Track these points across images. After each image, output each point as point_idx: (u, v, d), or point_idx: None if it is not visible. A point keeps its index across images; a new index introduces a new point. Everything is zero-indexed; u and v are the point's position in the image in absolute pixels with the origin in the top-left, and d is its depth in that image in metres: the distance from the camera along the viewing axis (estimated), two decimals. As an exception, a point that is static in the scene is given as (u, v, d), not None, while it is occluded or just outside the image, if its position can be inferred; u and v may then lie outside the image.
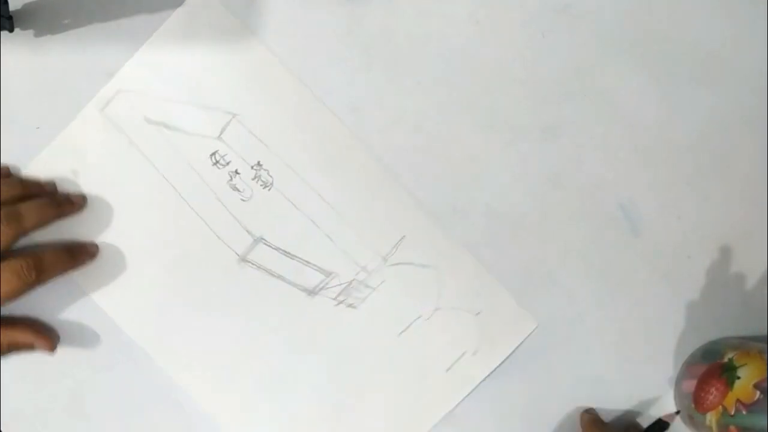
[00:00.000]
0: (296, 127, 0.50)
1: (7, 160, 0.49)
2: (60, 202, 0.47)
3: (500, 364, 0.51)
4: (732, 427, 0.47)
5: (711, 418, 0.48)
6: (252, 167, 0.49)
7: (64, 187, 0.49)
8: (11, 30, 0.47)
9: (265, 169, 0.49)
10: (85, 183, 0.49)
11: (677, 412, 0.50)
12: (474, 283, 0.51)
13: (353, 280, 0.50)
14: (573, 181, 0.51)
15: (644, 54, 0.52)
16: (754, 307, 0.52)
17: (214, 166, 0.49)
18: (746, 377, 0.47)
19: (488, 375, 0.51)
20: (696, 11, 0.52)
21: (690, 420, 0.50)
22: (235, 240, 0.49)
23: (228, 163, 0.49)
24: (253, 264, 0.50)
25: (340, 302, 0.50)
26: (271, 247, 0.49)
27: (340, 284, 0.50)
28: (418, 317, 0.50)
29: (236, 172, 0.49)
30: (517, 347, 0.51)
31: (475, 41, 0.51)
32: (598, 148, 0.52)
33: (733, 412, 0.46)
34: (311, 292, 0.50)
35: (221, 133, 0.49)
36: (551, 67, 0.51)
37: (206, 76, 0.49)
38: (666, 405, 0.52)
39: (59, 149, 0.49)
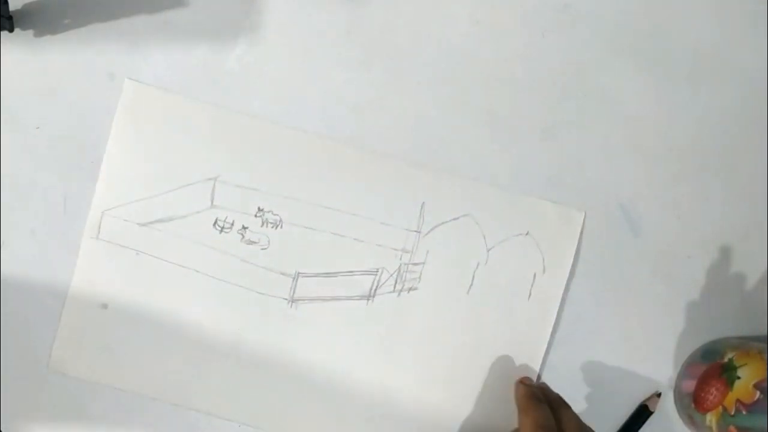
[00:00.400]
0: (274, 159, 0.50)
1: (7, 160, 0.49)
2: None
3: (573, 271, 0.51)
4: (732, 427, 0.47)
5: (711, 418, 0.48)
6: (255, 216, 0.49)
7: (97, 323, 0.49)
8: (11, 30, 0.47)
9: (267, 212, 0.50)
10: (118, 310, 0.49)
11: (658, 395, 0.50)
12: (508, 209, 0.51)
13: (400, 265, 0.50)
14: (573, 181, 0.51)
15: (644, 54, 0.52)
16: (754, 307, 0.52)
17: (222, 233, 0.49)
18: (746, 377, 0.47)
19: (566, 284, 0.51)
20: (696, 11, 0.52)
21: (690, 420, 0.50)
22: (277, 287, 0.50)
23: (232, 224, 0.49)
24: (303, 299, 0.50)
25: (400, 291, 0.50)
26: (310, 276, 0.50)
27: (391, 275, 0.50)
28: (477, 266, 0.50)
29: (243, 227, 0.49)
30: (579, 242, 0.51)
31: (475, 41, 0.51)
32: (598, 148, 0.52)
33: (733, 412, 0.46)
34: (369, 297, 0.50)
35: (212, 201, 0.49)
36: (551, 67, 0.51)
37: (170, 158, 0.49)
38: (666, 405, 0.52)
39: (79, 293, 0.49)
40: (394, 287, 0.50)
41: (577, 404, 0.51)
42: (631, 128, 0.52)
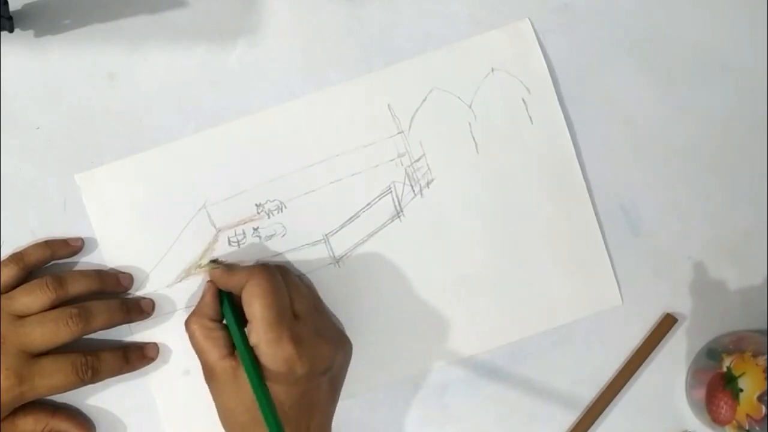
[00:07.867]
0: (239, 156, 0.49)
1: (7, 159, 0.49)
2: (130, 308, 0.48)
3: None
4: None
5: (730, 431, 0.48)
6: (258, 213, 0.49)
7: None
8: (11, 30, 0.47)
9: (265, 203, 0.49)
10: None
11: None
12: (463, 60, 0.50)
13: (405, 169, 0.50)
14: (573, 180, 0.51)
15: (644, 54, 0.52)
16: (754, 307, 0.52)
17: (241, 246, 0.49)
18: (748, 389, 0.47)
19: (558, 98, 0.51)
20: (696, 12, 0.52)
21: (710, 426, 0.50)
22: (317, 259, 0.50)
23: (244, 233, 0.49)
24: (345, 254, 0.50)
25: (421, 190, 0.50)
26: (337, 230, 0.50)
27: (404, 183, 0.50)
28: (470, 126, 0.50)
29: (255, 229, 0.49)
30: (542, 47, 0.51)
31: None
32: (598, 148, 0.52)
33: (747, 427, 0.47)
34: (399, 213, 0.50)
35: (215, 225, 0.49)
36: (551, 67, 0.51)
37: (155, 215, 0.49)
38: (666, 406, 0.52)
39: None
40: (414, 191, 0.50)
41: (578, 405, 0.51)
42: (631, 128, 0.52)
